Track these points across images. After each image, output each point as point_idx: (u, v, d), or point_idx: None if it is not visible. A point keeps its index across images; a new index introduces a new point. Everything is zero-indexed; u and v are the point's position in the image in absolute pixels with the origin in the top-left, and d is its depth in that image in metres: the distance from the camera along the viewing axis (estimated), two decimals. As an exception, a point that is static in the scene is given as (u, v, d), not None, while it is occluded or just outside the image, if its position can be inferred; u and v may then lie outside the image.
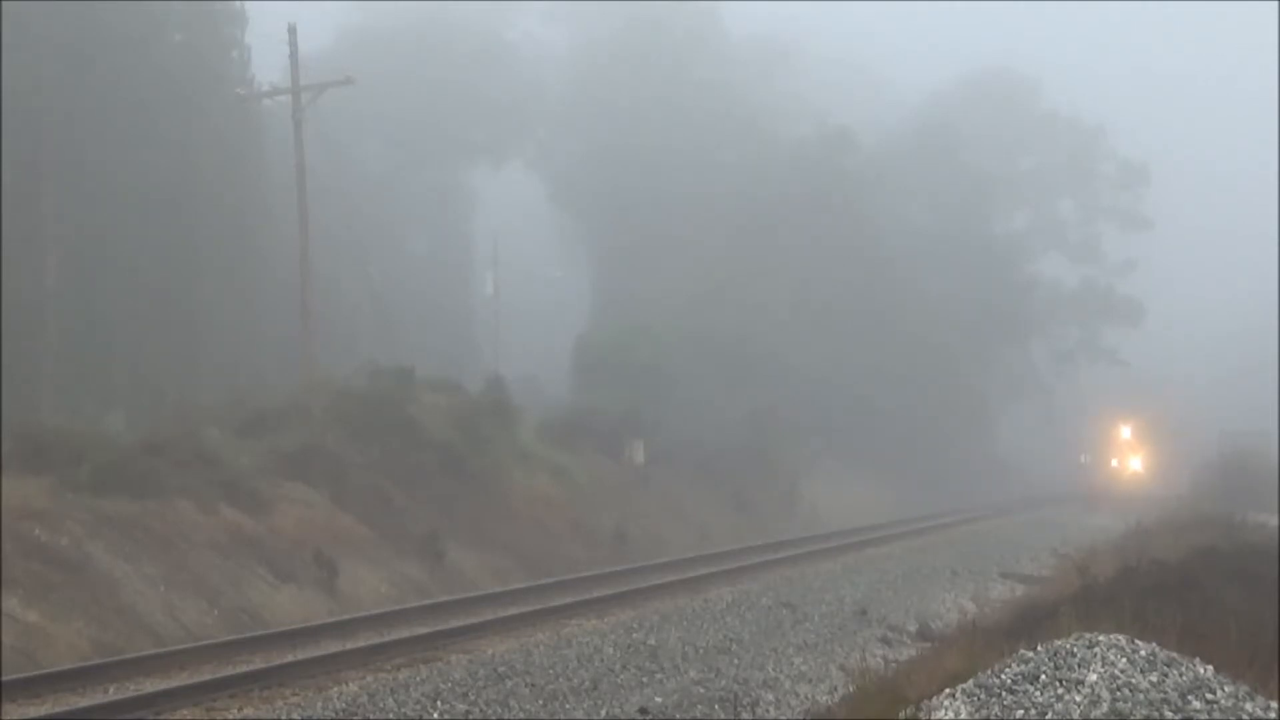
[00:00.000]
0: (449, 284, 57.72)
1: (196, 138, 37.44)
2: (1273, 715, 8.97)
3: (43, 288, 33.76)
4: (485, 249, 59.28)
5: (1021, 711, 9.03)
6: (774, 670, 15.37)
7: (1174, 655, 9.81)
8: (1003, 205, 74.70)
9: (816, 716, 13.01)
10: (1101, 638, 10.14)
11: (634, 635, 17.22)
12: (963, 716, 9.20)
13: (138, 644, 18.87)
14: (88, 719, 13.79)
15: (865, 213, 62.26)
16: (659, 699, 13.75)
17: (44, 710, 14.05)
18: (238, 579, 22.95)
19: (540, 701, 13.60)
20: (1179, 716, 8.83)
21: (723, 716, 13.19)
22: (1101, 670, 9.42)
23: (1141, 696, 9.01)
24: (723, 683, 14.54)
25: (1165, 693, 9.09)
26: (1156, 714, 8.82)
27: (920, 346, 61.19)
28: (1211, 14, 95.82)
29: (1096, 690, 9.11)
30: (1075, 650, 9.88)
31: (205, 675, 15.76)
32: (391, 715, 13.04)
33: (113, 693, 14.98)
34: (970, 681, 9.74)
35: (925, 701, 9.70)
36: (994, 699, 9.32)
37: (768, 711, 13.64)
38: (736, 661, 15.77)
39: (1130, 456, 72.14)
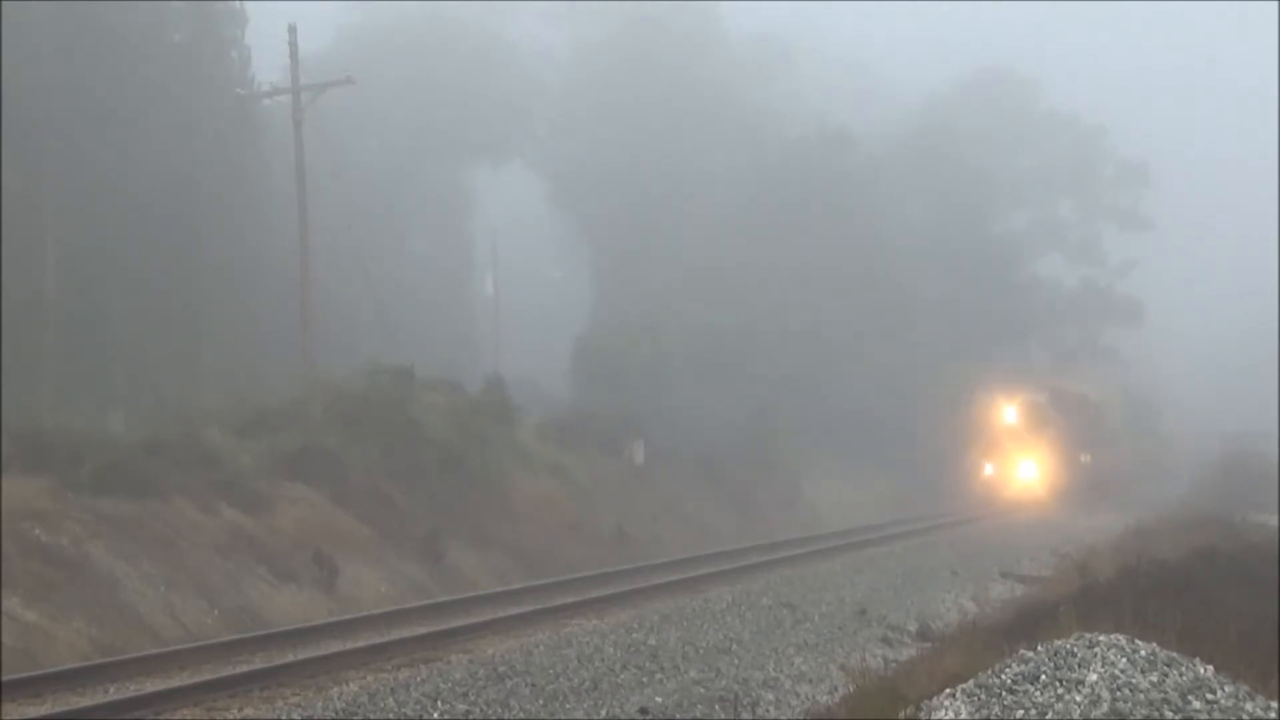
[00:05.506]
0: (449, 284, 57.69)
1: (196, 138, 37.42)
2: (1273, 715, 8.97)
3: (43, 288, 33.75)
4: (485, 249, 59.32)
5: (1021, 711, 9.03)
6: (774, 670, 15.36)
7: (1174, 655, 9.80)
8: (1003, 205, 74.66)
9: (816, 716, 13.00)
10: (1101, 638, 10.14)
11: (634, 635, 17.22)
12: (963, 716, 9.20)
13: (138, 644, 18.88)
14: (88, 719, 13.80)
15: (865, 213, 62.24)
16: (659, 699, 13.74)
17: (44, 710, 14.06)
18: (238, 579, 22.97)
19: (540, 701, 13.60)
20: (1179, 716, 8.83)
21: (723, 716, 13.18)
22: (1101, 670, 9.42)
23: (1141, 696, 9.02)
24: (723, 683, 14.53)
25: (1165, 693, 9.09)
26: (1156, 714, 8.82)
27: (920, 346, 61.16)
28: (1211, 14, 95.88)
29: (1096, 690, 9.12)
30: (1075, 650, 9.88)
31: (205, 675, 15.77)
32: (391, 715, 13.04)
33: (113, 693, 14.99)
34: (970, 681, 9.74)
35: (925, 701, 9.70)
36: (994, 699, 9.32)
37: (768, 711, 13.63)
38: (736, 661, 15.76)
39: (1019, 456, 48.75)
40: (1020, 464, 48.90)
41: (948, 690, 9.74)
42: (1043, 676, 9.47)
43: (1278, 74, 79.20)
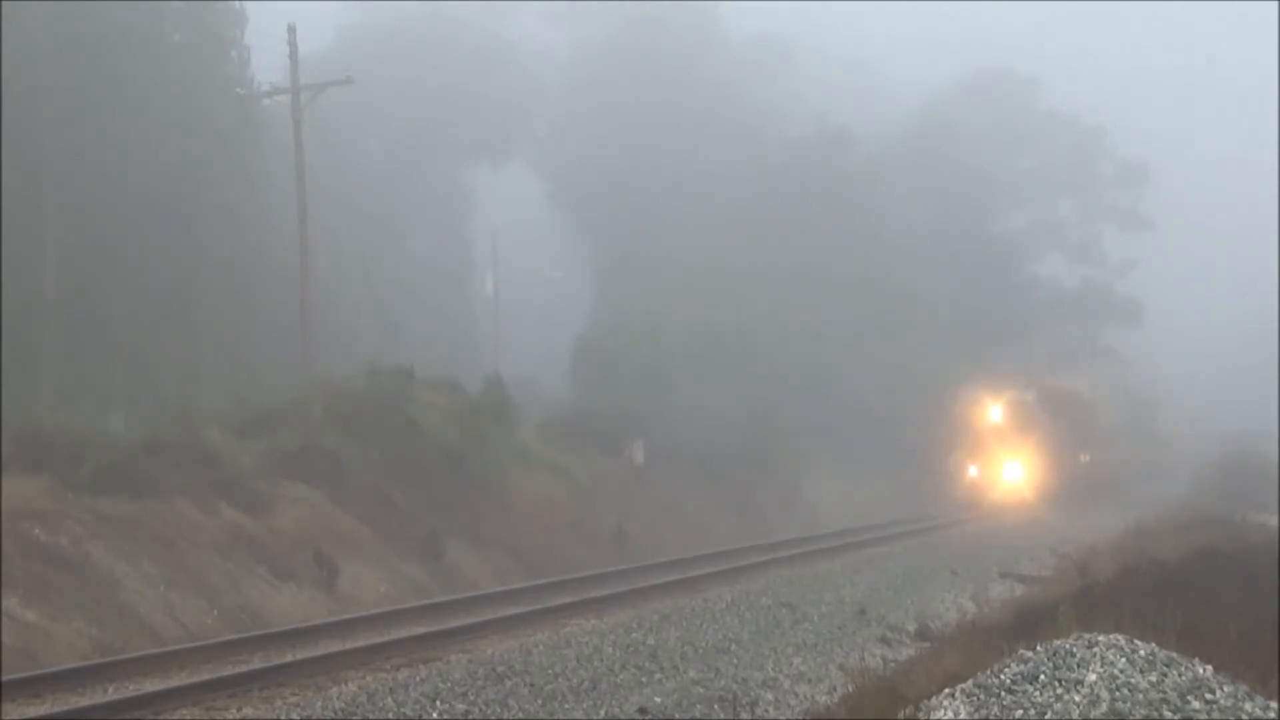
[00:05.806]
0: (449, 284, 57.73)
1: (196, 138, 37.45)
2: (1272, 715, 8.97)
3: (43, 288, 33.77)
4: (485, 249, 59.33)
5: (1021, 711, 9.03)
6: (773, 670, 15.36)
7: (1173, 655, 9.80)
8: (1003, 205, 74.67)
9: (816, 716, 13.00)
10: (1101, 638, 10.13)
11: (633, 635, 17.21)
12: (962, 716, 9.20)
13: (138, 644, 18.88)
14: (88, 719, 13.80)
15: (865, 213, 62.24)
16: (658, 699, 13.74)
17: (44, 710, 14.06)
18: (238, 579, 22.97)
19: (539, 701, 13.60)
20: (1178, 716, 8.83)
21: (722, 716, 13.18)
22: (1101, 670, 9.42)
23: (1141, 696, 9.01)
24: (722, 683, 14.53)
25: (1164, 693, 9.08)
26: (1155, 714, 8.82)
27: (920, 346, 61.15)
28: (1211, 14, 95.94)
29: (1096, 690, 9.11)
30: (1074, 650, 9.88)
31: (205, 675, 15.77)
32: (391, 715, 13.04)
33: (113, 693, 14.99)
34: (969, 681, 9.74)
35: (924, 701, 9.70)
36: (993, 699, 9.31)
37: (767, 711, 13.63)
38: (736, 661, 15.76)
39: (1006, 457, 46.74)
40: (1006, 465, 46.88)
41: (947, 690, 9.74)
42: (1042, 676, 9.46)
43: (1278, 74, 79.28)
